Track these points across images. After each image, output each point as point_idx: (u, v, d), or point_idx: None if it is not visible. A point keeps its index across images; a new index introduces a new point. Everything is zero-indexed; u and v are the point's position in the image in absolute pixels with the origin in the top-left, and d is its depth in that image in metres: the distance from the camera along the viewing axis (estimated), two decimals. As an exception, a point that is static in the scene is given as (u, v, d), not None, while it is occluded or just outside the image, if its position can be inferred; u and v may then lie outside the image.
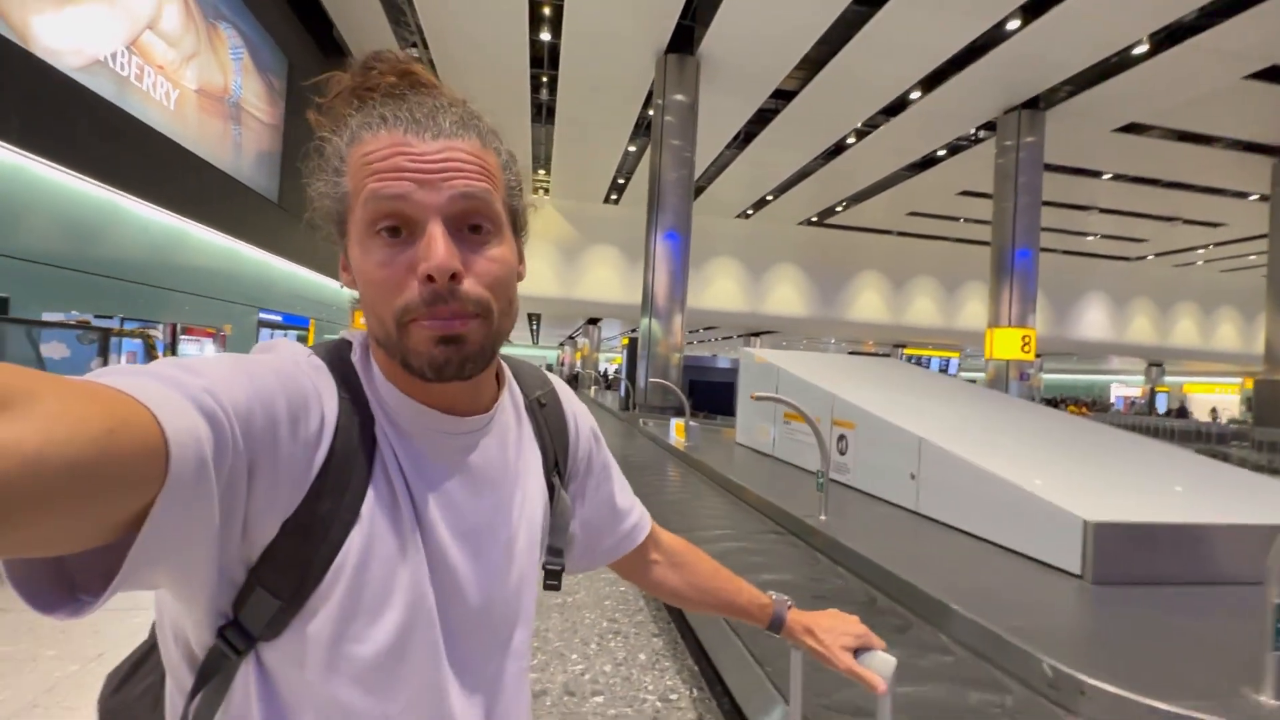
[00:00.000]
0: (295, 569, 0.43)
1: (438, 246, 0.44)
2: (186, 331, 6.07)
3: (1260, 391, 12.88)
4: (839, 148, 13.97)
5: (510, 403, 0.59)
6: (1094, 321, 23.10)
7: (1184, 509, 2.70)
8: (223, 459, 0.36)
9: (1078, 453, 3.56)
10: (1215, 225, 17.62)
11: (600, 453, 0.71)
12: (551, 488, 0.62)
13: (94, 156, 5.33)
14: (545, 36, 10.23)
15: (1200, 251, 20.44)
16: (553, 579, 0.64)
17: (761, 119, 12.91)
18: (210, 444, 0.35)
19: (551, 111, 13.18)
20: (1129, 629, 2.10)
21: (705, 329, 27.03)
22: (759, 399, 3.93)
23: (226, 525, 0.38)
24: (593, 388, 23.08)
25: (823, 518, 3.36)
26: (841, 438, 4.49)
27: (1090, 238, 19.73)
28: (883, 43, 9.43)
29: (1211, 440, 13.02)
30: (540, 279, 18.51)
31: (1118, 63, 9.69)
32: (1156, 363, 26.89)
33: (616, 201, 19.19)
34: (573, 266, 19.11)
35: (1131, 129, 12.03)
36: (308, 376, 0.46)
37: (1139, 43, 9.14)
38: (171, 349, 5.63)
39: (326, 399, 0.46)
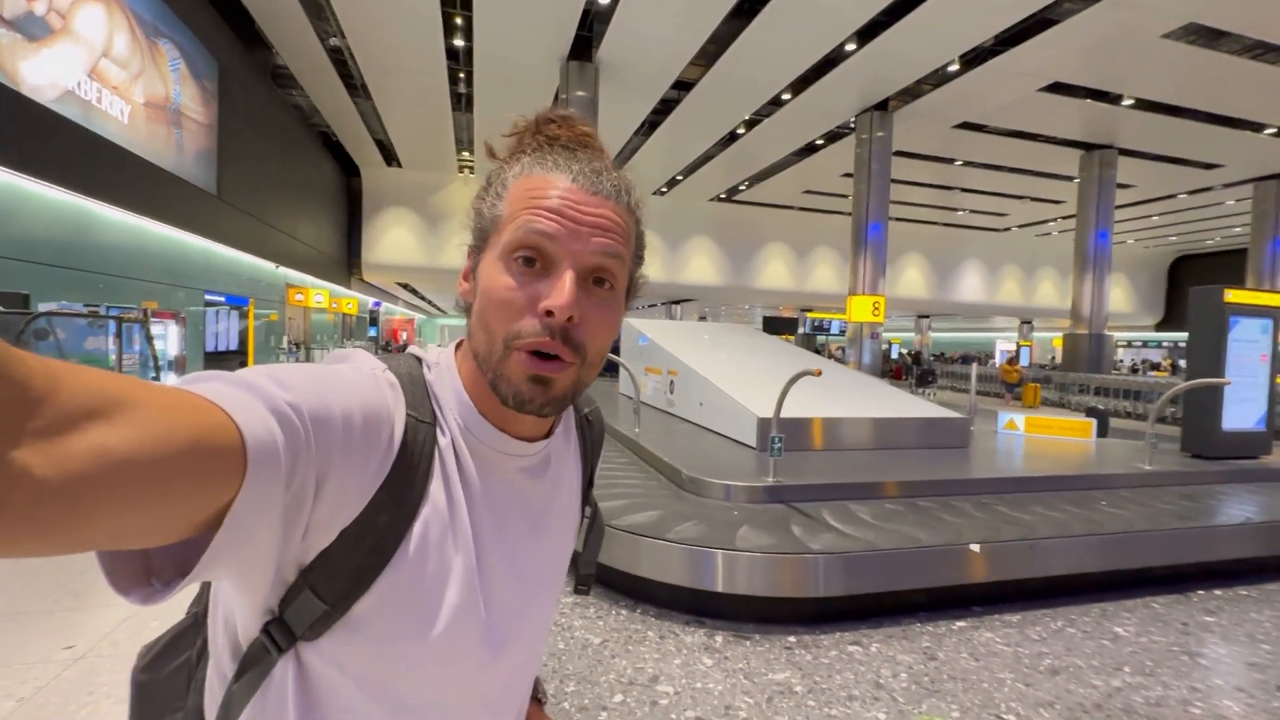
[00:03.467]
0: (345, 576, 0.44)
1: (565, 289, 0.47)
2: (156, 315, 7.30)
3: (1066, 343, 15.82)
4: (733, 136, 15.75)
5: (565, 423, 0.62)
6: (971, 285, 26.29)
7: (809, 409, 4.69)
8: (296, 467, 0.38)
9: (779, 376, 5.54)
10: (1058, 202, 20.61)
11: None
12: (588, 500, 0.67)
13: (71, 170, 6.45)
14: (459, 42, 11.41)
15: (1052, 224, 23.62)
16: (584, 584, 0.70)
17: (665, 109, 14.48)
18: (286, 452, 0.37)
19: (471, 101, 14.31)
20: (749, 464, 4.03)
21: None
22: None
23: (291, 528, 0.40)
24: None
25: (637, 429, 5.20)
26: (671, 382, 6.37)
27: (960, 212, 22.50)
28: (752, 55, 11.16)
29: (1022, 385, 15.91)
30: (459, 254, 19.63)
31: (939, 78, 11.82)
32: (1027, 320, 30.63)
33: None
34: (500, 242, 20.34)
35: (970, 126, 14.33)
36: (383, 392, 0.48)
37: (951, 63, 11.24)
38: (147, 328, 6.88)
39: (397, 415, 0.48)
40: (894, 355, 26.15)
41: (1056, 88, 12.07)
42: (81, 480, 0.27)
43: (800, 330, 27.15)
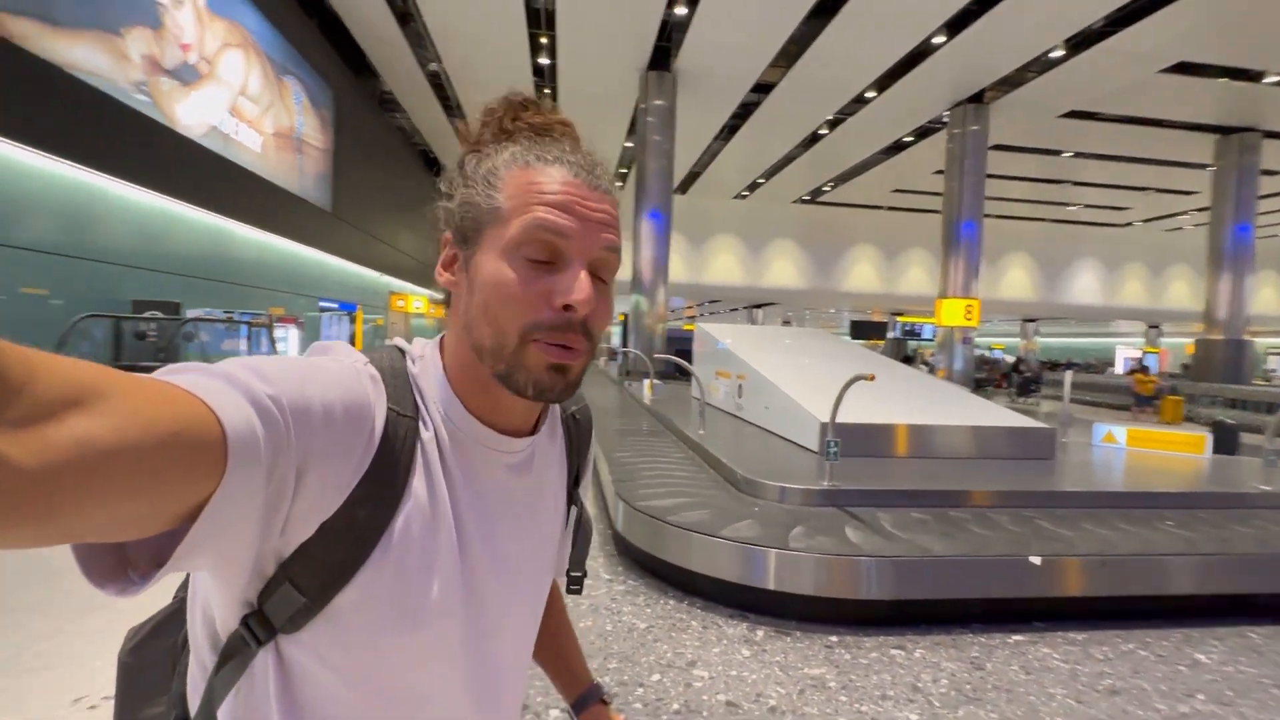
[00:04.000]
0: (325, 570, 0.44)
1: (584, 286, 0.48)
2: (280, 320, 8.26)
3: (1199, 349, 14.17)
4: (815, 136, 15.44)
5: (551, 419, 0.62)
6: (1086, 286, 24.05)
7: (878, 415, 4.61)
8: (276, 459, 0.38)
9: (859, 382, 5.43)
10: (1190, 193, 18.51)
11: (590, 468, 0.73)
12: (573, 498, 0.66)
13: (213, 195, 7.46)
14: (544, 60, 12.01)
15: (1183, 216, 21.22)
16: (575, 584, 0.68)
17: (745, 112, 14.47)
18: (266, 444, 0.37)
19: (556, 115, 14.98)
20: (808, 467, 4.04)
21: (711, 302, 28.71)
22: (659, 357, 5.87)
23: (270, 521, 0.40)
24: (602, 359, 25.14)
25: (701, 432, 5.31)
26: (740, 386, 6.42)
27: (1072, 207, 20.72)
28: (833, 54, 10.95)
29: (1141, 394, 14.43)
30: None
31: (1041, 65, 11.04)
32: (1154, 325, 27.60)
33: (621, 188, 20.93)
34: (584, 248, 21.03)
35: (1079, 115, 13.24)
36: (364, 386, 0.47)
37: (1055, 48, 10.48)
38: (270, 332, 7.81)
39: (378, 408, 0.48)
40: (997, 361, 24.48)
41: (1182, 68, 10.92)
42: (61, 469, 0.27)
43: (890, 334, 25.98)
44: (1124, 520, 3.47)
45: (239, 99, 7.97)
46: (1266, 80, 11.18)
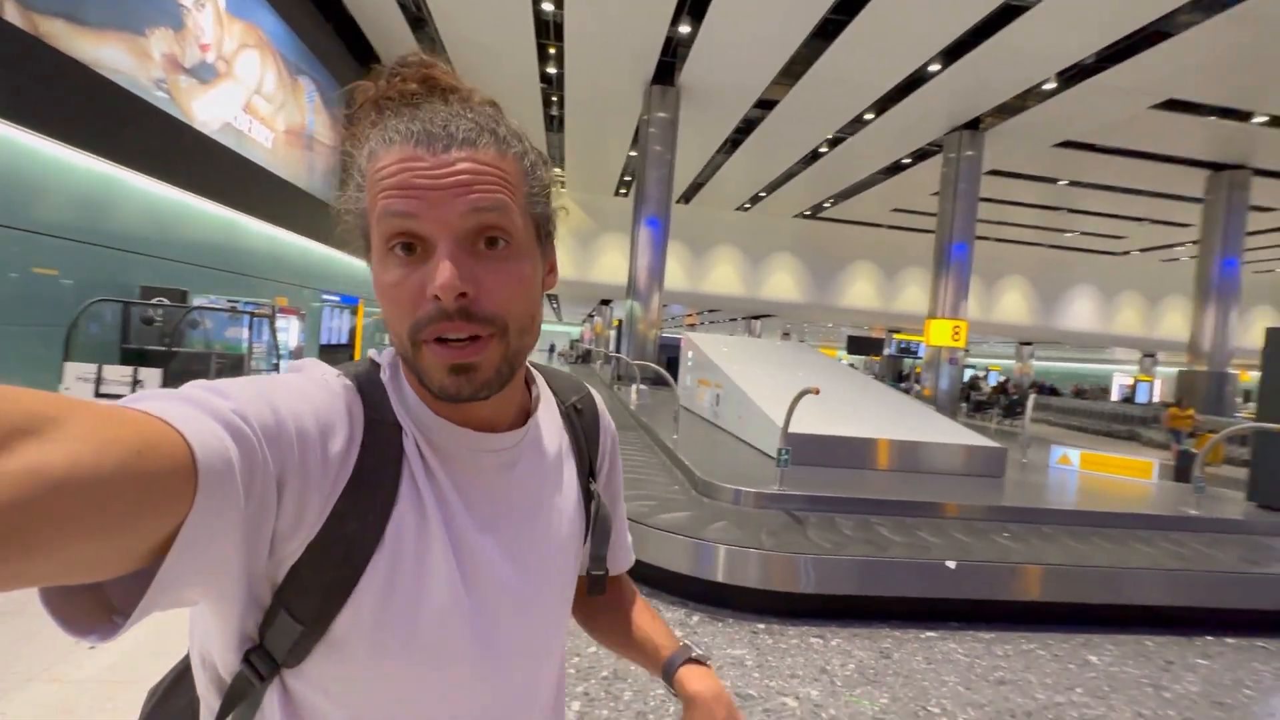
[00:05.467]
0: (318, 592, 0.43)
1: (444, 269, 0.43)
2: (282, 311, 8.56)
3: (1182, 379, 14.40)
4: (816, 154, 15.75)
5: (547, 412, 0.59)
6: (1082, 312, 24.28)
7: (835, 427, 4.87)
8: (252, 478, 0.36)
9: (826, 396, 5.69)
10: (1185, 225, 18.74)
11: (619, 463, 0.71)
12: (588, 494, 0.63)
13: (225, 189, 7.79)
14: (551, 69, 12.35)
15: (1180, 248, 21.45)
16: (597, 585, 0.63)
17: (747, 127, 14.78)
18: (239, 464, 0.35)
19: (562, 122, 15.31)
20: (763, 472, 4.31)
21: (710, 311, 28.99)
22: (639, 364, 6.15)
23: (255, 544, 0.39)
24: (599, 362, 25.41)
25: (675, 437, 5.58)
26: (717, 395, 6.69)
27: (1069, 234, 20.98)
28: (834, 75, 11.26)
29: (1129, 421, 14.68)
30: (560, 263, 20.87)
31: (1036, 96, 11.33)
32: (1149, 353, 27.79)
33: (626, 195, 21.25)
34: (587, 252, 21.36)
35: (1075, 145, 13.52)
36: (336, 397, 0.46)
37: (1047, 81, 10.77)
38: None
39: (354, 420, 0.46)
40: (991, 382, 24.71)
41: (1173, 105, 11.20)
42: (19, 505, 0.25)
43: (886, 351, 26.23)
44: (1044, 534, 3.73)
45: (253, 97, 8.30)
46: (1255, 120, 11.45)
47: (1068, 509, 4.19)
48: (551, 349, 36.89)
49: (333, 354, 12.56)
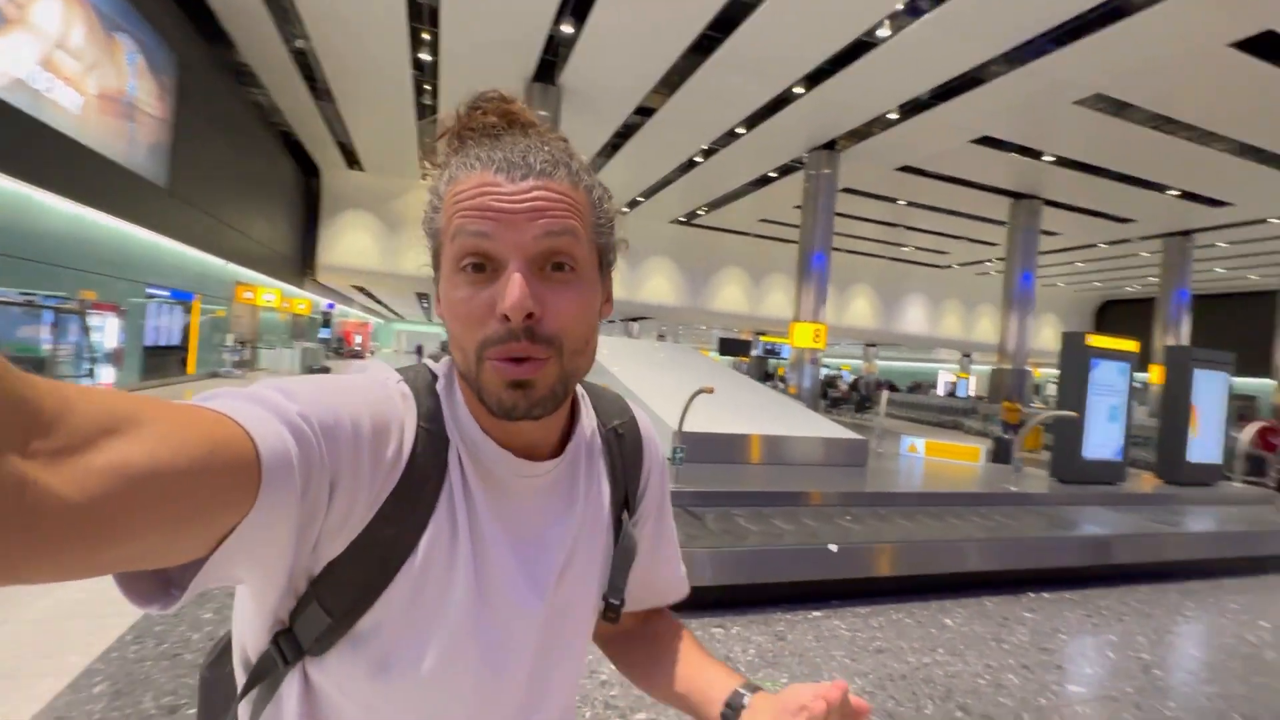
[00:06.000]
0: (351, 590, 0.44)
1: (514, 288, 0.45)
2: (95, 307, 7.29)
3: (993, 377, 16.87)
4: (692, 163, 16.41)
5: (584, 434, 0.59)
6: (915, 318, 27.62)
7: (722, 425, 5.12)
8: (309, 477, 0.38)
9: (710, 395, 5.97)
10: (993, 244, 21.97)
11: (665, 491, 0.69)
12: (618, 523, 0.62)
13: (14, 158, 6.47)
14: (425, 56, 11.71)
15: (989, 264, 25.11)
16: (612, 611, 0.61)
17: (627, 132, 15.02)
18: (298, 463, 0.37)
19: (436, 111, 14.56)
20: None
21: (590, 313, 29.13)
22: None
23: (303, 538, 0.41)
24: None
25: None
26: (605, 395, 6.73)
27: (905, 248, 23.74)
28: (708, 90, 11.79)
29: (954, 413, 16.94)
30: (417, 260, 19.82)
31: (882, 124, 12.69)
32: (967, 354, 32.23)
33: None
34: (461, 250, 20.51)
35: (911, 170, 15.31)
36: (394, 402, 0.48)
37: (891, 111, 12.11)
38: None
39: (408, 426, 0.48)
40: (845, 380, 27.20)
41: (986, 141, 13.08)
42: (104, 498, 0.27)
43: (754, 353, 27.95)
44: (908, 516, 4.19)
45: (56, 52, 6.99)
46: (1045, 158, 13.70)
47: (921, 491, 4.74)
48: (419, 350, 34.85)
49: (161, 357, 10.88)
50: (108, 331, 7.45)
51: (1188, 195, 14.83)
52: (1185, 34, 8.46)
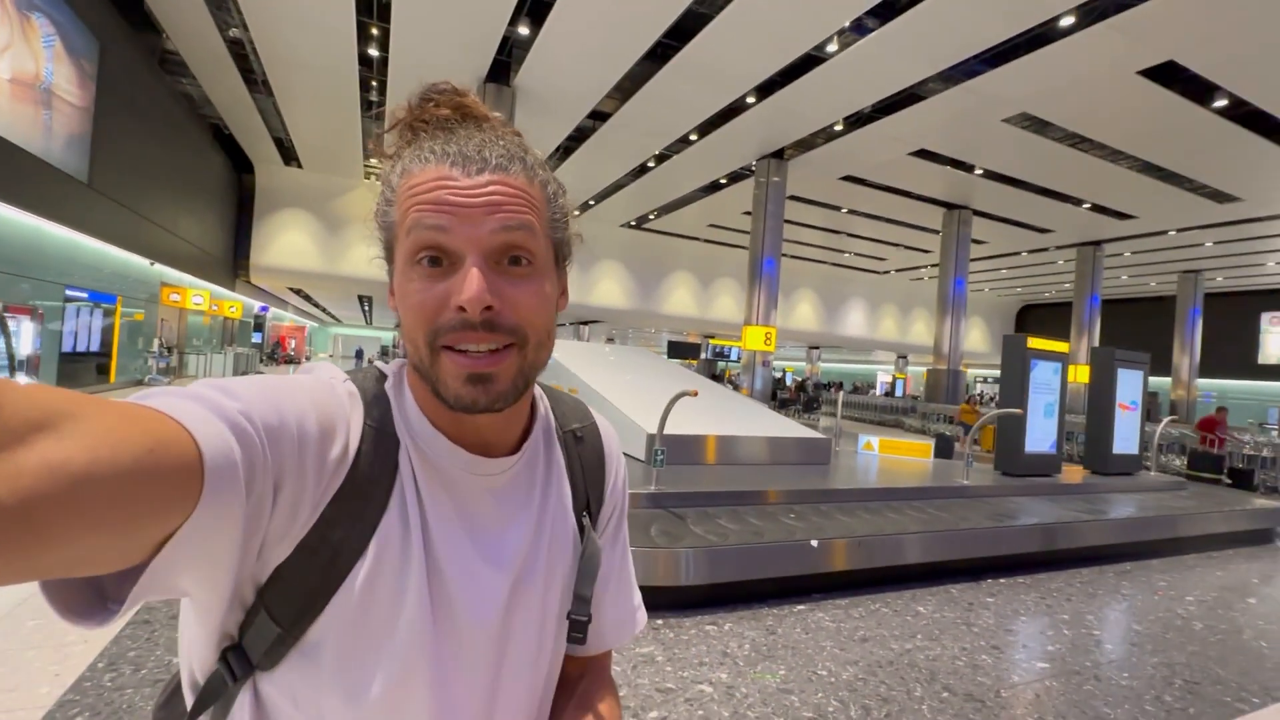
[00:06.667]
0: (299, 596, 0.43)
1: (471, 281, 0.44)
2: (7, 309, 6.69)
3: (930, 377, 17.79)
4: (644, 168, 16.55)
5: (541, 434, 0.58)
6: (855, 321, 28.78)
7: (695, 427, 5.22)
8: (252, 478, 0.37)
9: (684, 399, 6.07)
10: (927, 252, 23.18)
11: (624, 510, 0.66)
12: (581, 528, 0.59)
13: (-85, 147, 5.86)
14: (374, 51, 11.35)
15: (924, 270, 26.46)
16: (578, 630, 0.57)
17: (581, 136, 15.00)
18: (243, 464, 0.36)
19: (383, 106, 14.10)
20: (635, 474, 4.45)
21: (540, 316, 28.85)
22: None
23: (248, 542, 0.39)
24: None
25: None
26: (572, 399, 6.71)
27: (847, 254, 24.71)
28: (662, 97, 11.95)
29: (895, 411, 17.75)
30: (371, 262, 19.12)
31: (827, 135, 13.20)
32: (903, 355, 33.81)
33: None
34: (406, 252, 19.91)
35: (854, 179, 15.98)
36: (339, 402, 0.47)
37: (836, 123, 12.61)
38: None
39: (353, 425, 0.47)
40: (788, 382, 27.99)
41: (923, 153, 13.82)
42: (36, 499, 0.26)
43: (703, 356, 28.37)
44: (873, 510, 4.40)
45: (-38, 31, 6.38)
46: (975, 172, 14.59)
47: (883, 487, 4.97)
48: (359, 354, 33.49)
49: (80, 364, 10.06)
50: (24, 335, 6.83)
51: (1098, 208, 16.13)
52: (1100, 61, 9.23)
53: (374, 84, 12.85)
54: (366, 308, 32.79)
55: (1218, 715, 2.51)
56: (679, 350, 28.48)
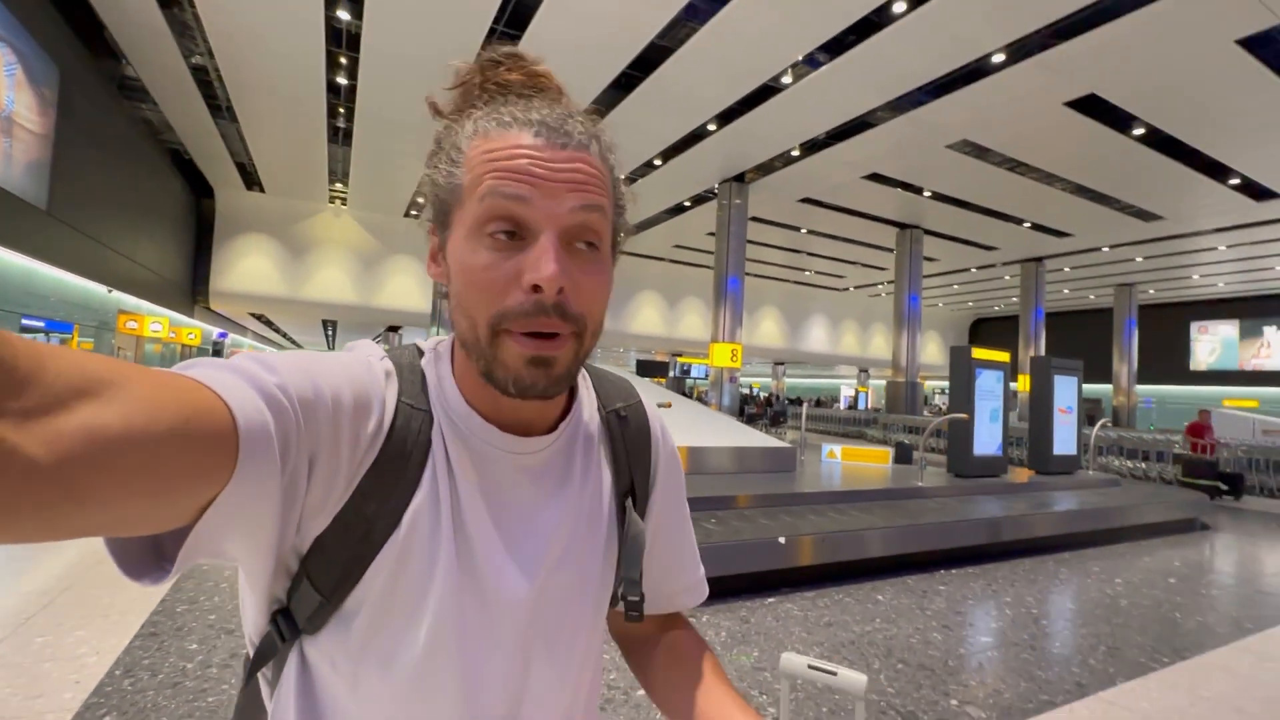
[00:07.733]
0: (338, 567, 0.44)
1: (549, 259, 0.43)
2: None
3: (889, 389, 18.49)
4: (610, 191, 16.97)
5: (582, 415, 0.57)
6: (818, 337, 29.65)
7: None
8: (288, 447, 0.38)
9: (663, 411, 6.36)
10: (883, 269, 24.18)
11: (680, 487, 0.65)
12: (623, 509, 0.58)
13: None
14: (342, 80, 11.51)
15: (880, 286, 27.52)
16: (634, 609, 0.57)
17: (546, 162, 15.32)
18: (278, 435, 0.37)
19: (350, 135, 14.21)
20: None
21: (508, 337, 28.83)
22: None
23: (287, 513, 0.40)
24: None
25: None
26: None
27: (808, 273, 25.57)
28: (628, 123, 12.39)
29: (857, 423, 18.36)
30: (337, 286, 19.04)
31: (785, 159, 13.85)
32: (864, 369, 34.88)
33: (416, 215, 20.30)
34: (372, 275, 19.82)
35: (812, 201, 16.70)
36: (375, 378, 0.47)
37: (794, 149, 13.26)
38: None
39: (388, 401, 0.47)
40: (756, 395, 28.56)
41: (875, 177, 14.61)
42: (73, 460, 0.26)
43: (671, 373, 28.76)
44: (837, 511, 4.72)
45: (-74, 61, 6.35)
46: (925, 194, 15.44)
47: (845, 490, 5.31)
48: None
49: (37, 394, 9.76)
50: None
51: (1038, 227, 17.21)
52: (1029, 93, 10.04)
53: (341, 111, 12.97)
54: (330, 332, 32.26)
55: (1133, 672, 2.87)
56: (647, 369, 28.82)
